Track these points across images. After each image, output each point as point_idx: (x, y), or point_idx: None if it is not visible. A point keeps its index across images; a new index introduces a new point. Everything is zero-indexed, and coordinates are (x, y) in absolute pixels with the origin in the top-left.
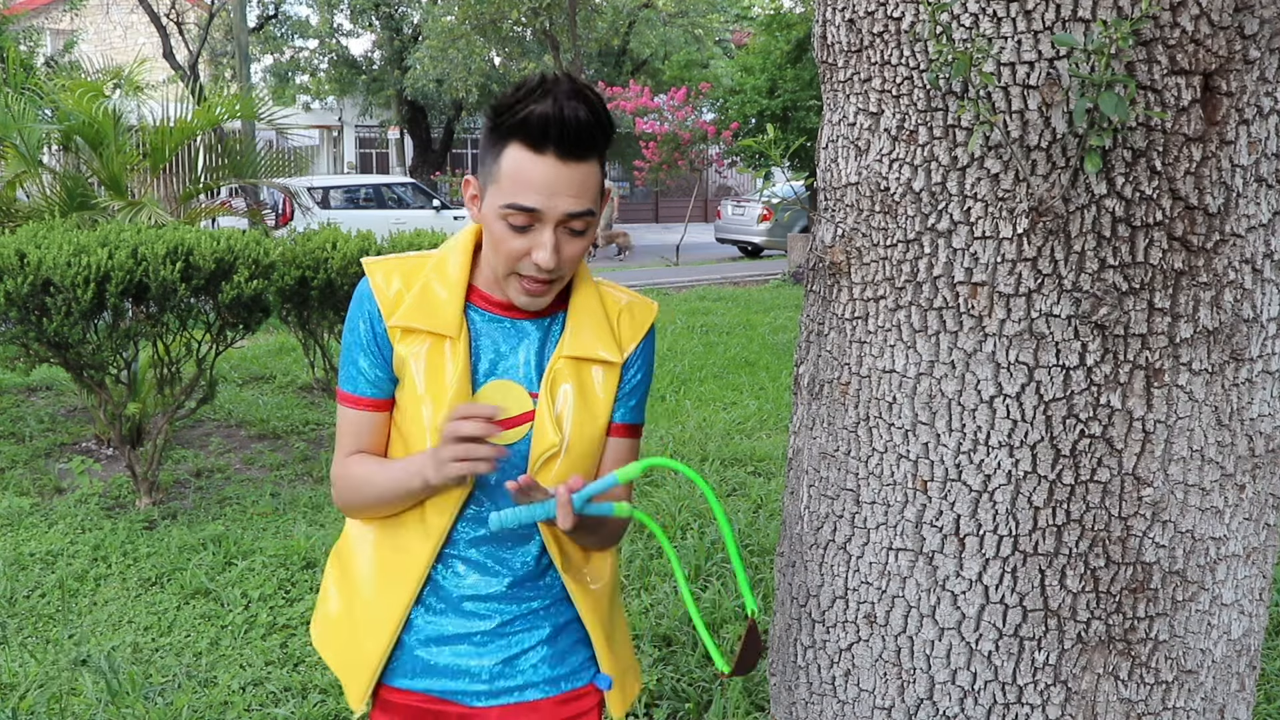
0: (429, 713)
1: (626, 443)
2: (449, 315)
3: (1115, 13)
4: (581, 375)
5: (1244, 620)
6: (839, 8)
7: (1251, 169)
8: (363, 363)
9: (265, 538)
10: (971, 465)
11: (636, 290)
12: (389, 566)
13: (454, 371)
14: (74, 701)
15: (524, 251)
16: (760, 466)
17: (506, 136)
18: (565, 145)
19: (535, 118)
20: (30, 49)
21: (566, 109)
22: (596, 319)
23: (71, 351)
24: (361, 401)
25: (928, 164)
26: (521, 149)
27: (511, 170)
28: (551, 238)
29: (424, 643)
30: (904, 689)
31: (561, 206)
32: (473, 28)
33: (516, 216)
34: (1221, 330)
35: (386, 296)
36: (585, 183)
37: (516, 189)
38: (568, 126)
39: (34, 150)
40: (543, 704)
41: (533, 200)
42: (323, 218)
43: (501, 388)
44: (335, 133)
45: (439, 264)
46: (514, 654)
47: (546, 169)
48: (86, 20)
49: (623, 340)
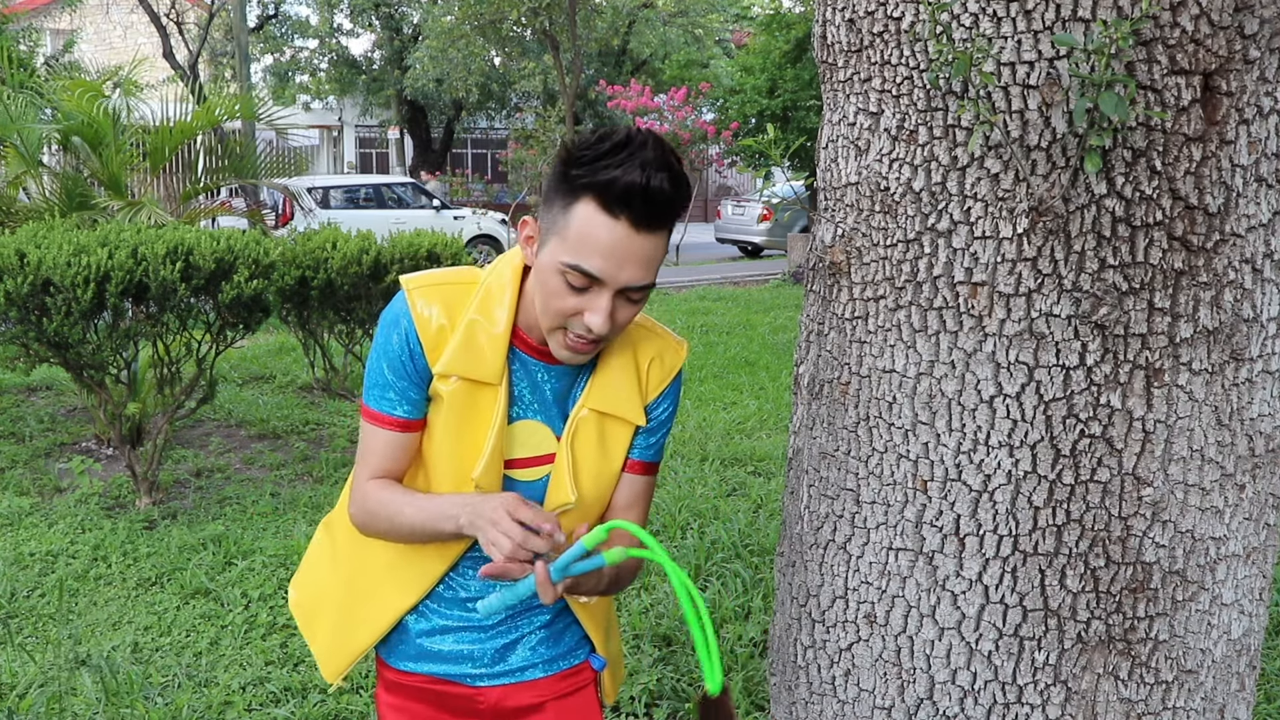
0: (433, 692)
1: (642, 480)
2: (493, 365)
3: (1115, 13)
4: (603, 427)
5: (1244, 620)
6: (839, 8)
7: (1251, 169)
8: (398, 383)
9: (265, 538)
10: (971, 465)
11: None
12: (397, 570)
13: (492, 418)
14: (73, 701)
15: (576, 311)
16: (760, 466)
17: (581, 191)
18: (643, 217)
19: (620, 184)
20: (30, 49)
21: (654, 180)
22: (626, 372)
23: (71, 351)
24: (394, 423)
25: (928, 164)
26: (596, 209)
27: (581, 229)
28: (608, 304)
29: (427, 633)
30: (904, 689)
31: (625, 277)
32: (473, 28)
33: (577, 278)
34: (1221, 330)
35: (429, 330)
36: (654, 254)
37: (582, 250)
38: (648, 198)
39: (34, 150)
40: (541, 681)
41: (598, 267)
42: (323, 217)
43: (533, 428)
44: (335, 133)
45: (485, 302)
46: (514, 639)
47: (619, 236)
48: (86, 20)
49: (648, 391)
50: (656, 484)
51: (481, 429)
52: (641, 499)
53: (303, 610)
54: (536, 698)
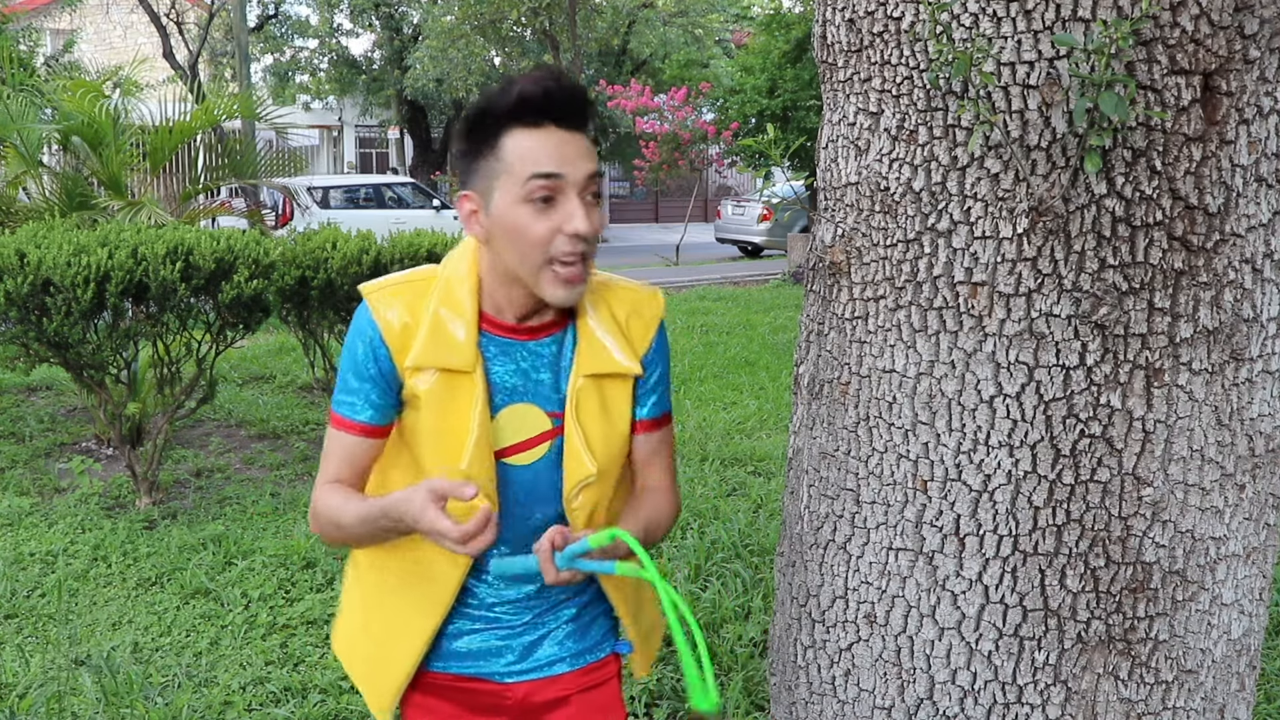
0: (459, 690)
1: (659, 434)
2: (465, 351)
3: (1115, 13)
4: (603, 391)
5: (1244, 620)
6: (839, 8)
7: (1251, 169)
8: (361, 387)
9: (265, 538)
10: (971, 465)
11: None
12: (417, 590)
13: (473, 405)
14: (73, 701)
15: (553, 231)
16: (760, 466)
17: (500, 127)
18: (562, 114)
19: (529, 95)
20: (30, 49)
21: (550, 84)
22: (608, 330)
23: (71, 351)
24: (356, 427)
25: (928, 164)
26: (522, 131)
27: (518, 152)
28: (580, 204)
29: (455, 634)
30: (904, 689)
31: (581, 170)
32: (473, 28)
33: (540, 188)
34: (1221, 330)
35: (394, 331)
36: (589, 148)
37: (531, 162)
38: (558, 97)
39: (34, 150)
40: (567, 676)
41: (553, 165)
42: (322, 217)
43: (520, 412)
44: (335, 133)
45: (446, 292)
46: (542, 634)
47: (554, 139)
48: (86, 20)
49: (636, 344)
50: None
51: (464, 419)
52: (659, 453)
53: (343, 651)
54: (562, 692)
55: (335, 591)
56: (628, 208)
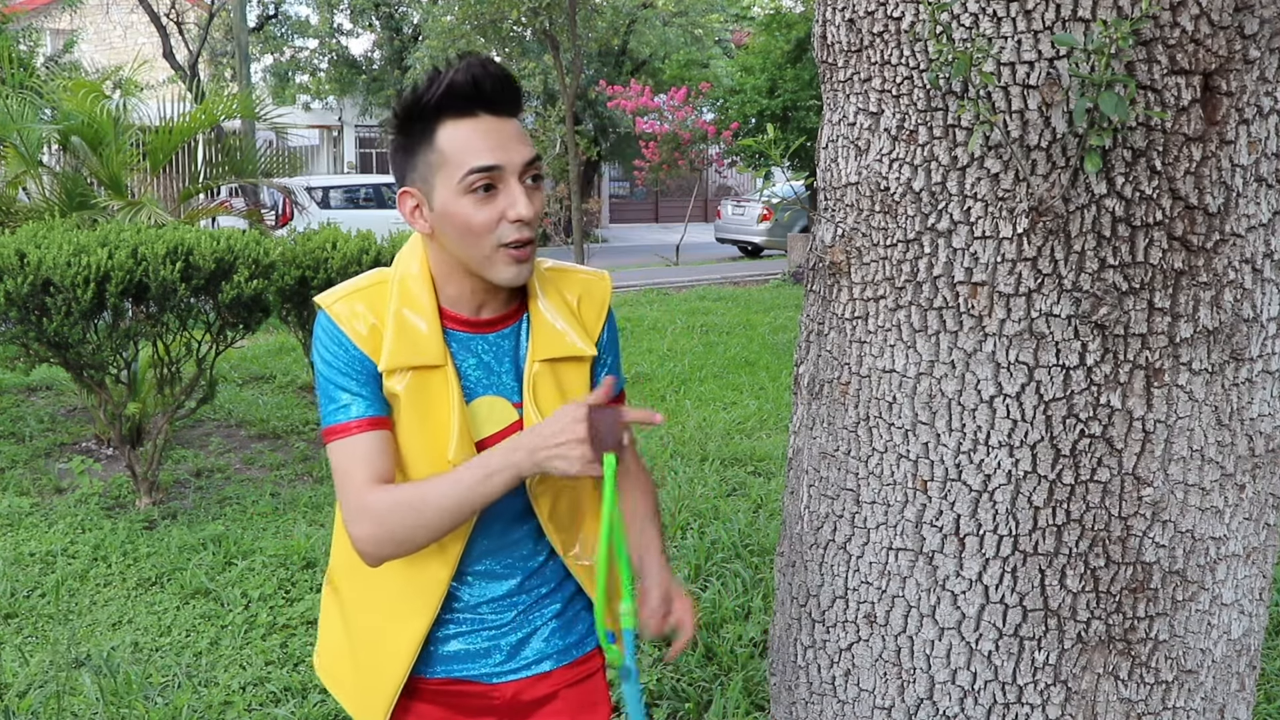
0: (448, 694)
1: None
2: (433, 346)
3: (1115, 13)
4: (559, 375)
5: (1244, 620)
6: (839, 8)
7: (1251, 169)
8: (346, 383)
9: (265, 538)
10: (971, 465)
11: (635, 292)
12: (405, 593)
13: (450, 398)
14: (73, 701)
15: (497, 218)
16: (760, 466)
17: (432, 121)
18: (493, 101)
19: (457, 85)
20: (30, 49)
21: (477, 71)
22: (559, 314)
23: (71, 351)
24: (361, 423)
25: (928, 164)
26: (454, 121)
27: (454, 144)
28: (521, 189)
29: (443, 639)
30: (904, 689)
31: (518, 156)
32: (473, 28)
33: (481, 178)
34: (1221, 330)
35: (361, 333)
36: (524, 132)
37: (468, 155)
38: (487, 83)
39: (34, 150)
40: (554, 673)
41: (490, 157)
42: (321, 217)
43: (488, 403)
44: (335, 133)
45: (403, 291)
46: (528, 633)
47: (488, 127)
48: (86, 20)
49: (589, 326)
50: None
51: (443, 411)
52: None
53: (327, 672)
54: (549, 688)
55: None
56: (628, 208)
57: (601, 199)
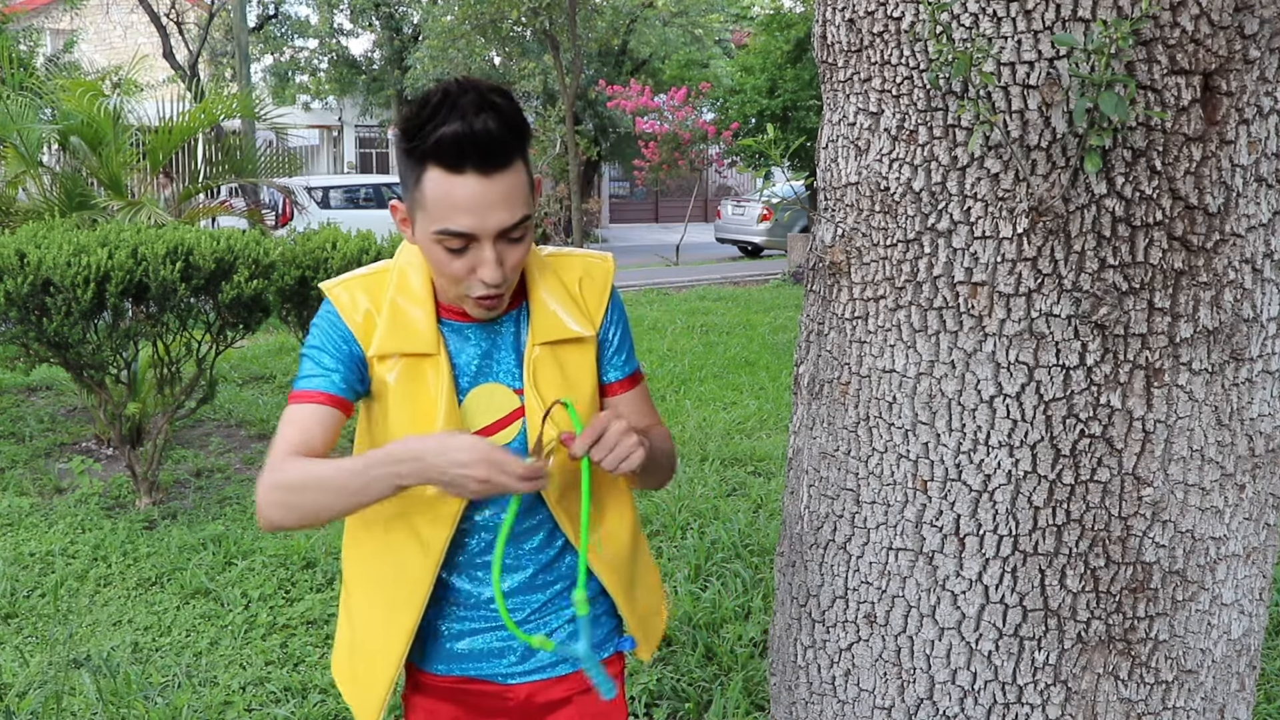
0: (462, 692)
1: (635, 393)
2: (426, 334)
3: (1115, 13)
4: (560, 357)
5: (1244, 620)
6: (839, 8)
7: (1251, 169)
8: (323, 359)
9: (265, 538)
10: (971, 465)
11: (635, 292)
12: (393, 587)
13: (439, 387)
14: (73, 701)
15: (467, 271)
16: (760, 466)
17: (422, 160)
18: (482, 161)
19: (447, 140)
20: (30, 49)
21: (476, 125)
22: (558, 297)
23: (71, 351)
24: (320, 396)
25: (928, 164)
26: (440, 173)
27: (435, 196)
28: (493, 253)
29: (457, 636)
30: (904, 689)
31: (494, 223)
32: (473, 28)
33: (452, 240)
34: (1221, 330)
35: (356, 318)
36: (513, 191)
37: (444, 214)
38: (479, 142)
39: (34, 150)
40: (570, 676)
41: (465, 224)
42: (321, 217)
43: (486, 392)
44: (335, 133)
45: (401, 280)
46: (544, 636)
47: (471, 189)
48: (86, 20)
49: (591, 308)
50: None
51: (432, 402)
52: (640, 409)
53: (338, 672)
54: (564, 692)
55: (335, 591)
56: (628, 208)
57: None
